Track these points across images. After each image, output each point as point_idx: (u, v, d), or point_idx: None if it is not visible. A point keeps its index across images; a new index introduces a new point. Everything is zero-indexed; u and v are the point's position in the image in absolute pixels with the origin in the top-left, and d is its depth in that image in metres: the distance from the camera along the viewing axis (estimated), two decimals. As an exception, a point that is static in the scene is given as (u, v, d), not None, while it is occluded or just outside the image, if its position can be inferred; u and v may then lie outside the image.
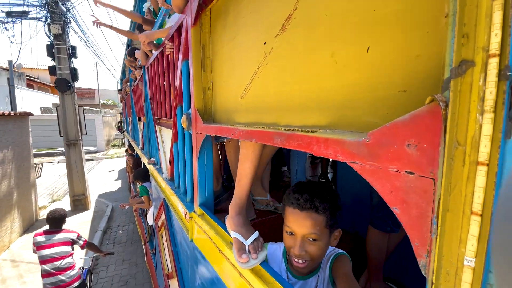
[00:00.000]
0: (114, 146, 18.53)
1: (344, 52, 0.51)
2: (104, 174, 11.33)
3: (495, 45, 0.26)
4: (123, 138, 16.47)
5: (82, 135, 6.85)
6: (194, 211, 1.29)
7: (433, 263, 0.32)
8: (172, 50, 1.59)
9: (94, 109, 18.11)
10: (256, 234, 0.84)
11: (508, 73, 0.25)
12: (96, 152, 15.85)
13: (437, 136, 0.31)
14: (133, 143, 4.92)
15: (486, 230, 0.28)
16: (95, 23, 2.80)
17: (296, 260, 0.71)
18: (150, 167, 2.73)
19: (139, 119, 3.86)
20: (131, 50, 3.24)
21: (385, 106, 0.45)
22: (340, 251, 0.79)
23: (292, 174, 1.70)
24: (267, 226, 1.46)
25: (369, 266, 1.43)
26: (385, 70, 0.44)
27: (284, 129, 0.66)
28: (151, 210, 3.12)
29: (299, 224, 0.68)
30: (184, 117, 1.26)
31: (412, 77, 0.41)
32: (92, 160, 14.06)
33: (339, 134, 0.48)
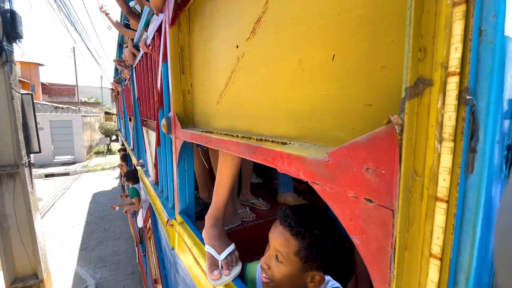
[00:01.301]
0: (97, 153, 14.03)
1: (311, 59, 0.47)
2: (83, 200, 6.98)
3: (454, 62, 0.22)
4: (109, 144, 14.10)
5: (31, 153, 3.21)
6: (175, 219, 1.25)
7: (392, 305, 0.29)
8: (151, 51, 1.54)
9: (73, 107, 13.69)
10: (231, 247, 0.80)
11: (468, 97, 0.21)
12: (74, 162, 11.39)
13: (395, 162, 0.27)
14: (125, 143, 4.85)
15: (445, 276, 0.24)
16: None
17: (261, 271, 0.66)
18: (138, 168, 2.68)
19: (130, 119, 3.79)
20: (124, 48, 3.17)
21: (351, 120, 0.41)
22: (337, 284, 0.68)
23: (279, 177, 1.66)
24: (253, 232, 1.42)
25: (356, 271, 1.40)
26: (350, 81, 0.40)
27: (256, 139, 0.62)
28: (141, 211, 3.07)
29: (273, 236, 0.64)
30: (164, 121, 1.21)
31: (377, 90, 0.37)
32: (67, 174, 9.88)
33: (302, 150, 0.44)
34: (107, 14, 2.93)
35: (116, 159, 11.22)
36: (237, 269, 0.74)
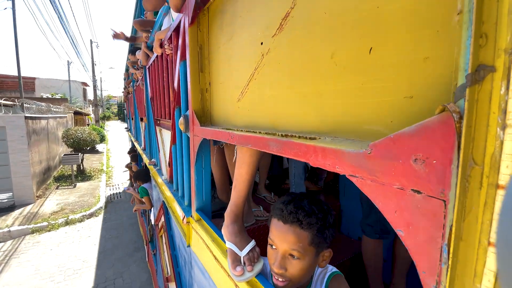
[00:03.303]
0: (60, 180, 7.82)
1: (345, 53, 0.47)
2: None
3: (520, 47, 0.22)
4: (83, 159, 8.33)
5: None
6: (191, 216, 1.26)
7: (443, 297, 0.28)
8: (171, 51, 1.56)
9: (19, 103, 8.11)
10: (252, 244, 0.80)
11: (538, 81, 0.21)
12: (12, 208, 5.66)
13: (450, 152, 0.27)
14: (136, 144, 4.92)
15: (507, 265, 0.23)
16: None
17: (276, 277, 0.64)
18: (151, 168, 2.71)
19: (141, 119, 3.85)
20: (133, 49, 3.23)
21: (390, 114, 0.40)
22: (335, 270, 0.72)
23: (290, 178, 1.66)
24: (267, 231, 1.42)
25: (367, 273, 1.38)
26: (389, 74, 0.40)
27: (281, 135, 0.62)
28: (152, 210, 3.10)
29: (281, 238, 0.62)
30: (181, 119, 1.23)
31: (419, 82, 0.36)
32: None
33: (338, 143, 0.44)
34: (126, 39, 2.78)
35: (96, 185, 7.09)
36: (259, 265, 0.75)
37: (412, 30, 0.37)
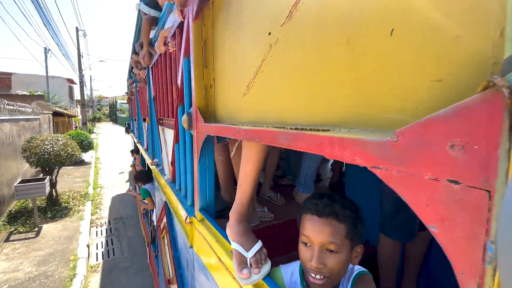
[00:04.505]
0: (17, 222, 4.64)
1: (363, 37, 0.44)
2: None
3: None
4: (55, 183, 5.42)
5: None
6: (194, 216, 1.22)
7: (488, 303, 0.25)
8: (174, 48, 1.54)
9: None
10: (258, 244, 0.76)
11: None
12: None
13: (496, 134, 0.24)
14: (138, 145, 4.90)
15: None
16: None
17: (313, 275, 0.62)
18: (153, 168, 2.69)
19: (144, 120, 3.83)
20: (138, 44, 3.21)
21: (414, 100, 0.37)
22: (362, 269, 0.70)
23: (301, 177, 1.62)
24: (271, 233, 1.38)
25: (380, 276, 1.33)
26: (413, 56, 0.37)
27: (291, 128, 0.58)
28: (154, 211, 3.07)
29: (317, 231, 0.61)
30: (185, 117, 1.20)
31: (449, 63, 0.33)
32: None
33: (357, 133, 0.40)
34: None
35: (74, 228, 4.42)
36: (266, 267, 0.71)
37: (441, 6, 0.33)
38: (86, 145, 9.19)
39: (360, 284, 0.66)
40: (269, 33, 0.69)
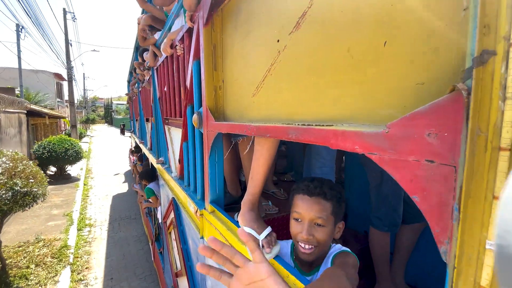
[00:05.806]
0: None
1: (360, 47, 0.52)
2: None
3: (517, 34, 0.27)
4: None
5: None
6: (205, 208, 1.31)
7: (455, 248, 0.33)
8: (182, 51, 1.62)
9: None
10: (269, 229, 0.85)
11: (531, 60, 0.26)
12: None
13: (459, 124, 0.32)
14: (140, 145, 4.97)
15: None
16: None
17: (302, 245, 0.73)
18: (158, 166, 2.77)
19: (147, 120, 3.90)
20: (141, 51, 3.29)
21: (403, 99, 0.46)
22: (345, 248, 0.80)
23: (305, 174, 1.71)
24: (276, 225, 1.47)
25: (375, 266, 1.43)
26: (402, 63, 0.45)
27: (299, 124, 0.67)
28: (159, 209, 3.15)
29: (308, 208, 0.73)
30: (195, 116, 1.28)
31: (430, 70, 0.42)
32: None
33: (356, 127, 0.49)
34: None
35: None
36: (277, 248, 0.80)
37: (424, 24, 0.42)
38: (73, 156, 7.44)
39: (337, 258, 0.74)
40: (278, 40, 0.77)
